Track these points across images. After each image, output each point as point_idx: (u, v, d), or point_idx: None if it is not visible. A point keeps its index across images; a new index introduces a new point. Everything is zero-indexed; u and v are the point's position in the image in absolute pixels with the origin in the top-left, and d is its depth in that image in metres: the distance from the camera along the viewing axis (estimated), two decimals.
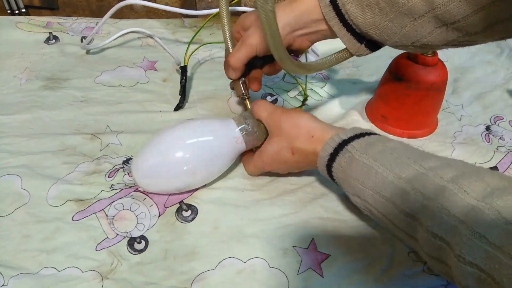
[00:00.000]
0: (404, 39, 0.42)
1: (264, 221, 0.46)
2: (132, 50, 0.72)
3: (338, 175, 0.42)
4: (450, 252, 0.31)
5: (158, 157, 0.45)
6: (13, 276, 0.40)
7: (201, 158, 0.45)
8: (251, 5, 0.80)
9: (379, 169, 0.38)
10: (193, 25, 0.79)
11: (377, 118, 0.60)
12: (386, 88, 0.59)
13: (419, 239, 0.34)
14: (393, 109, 0.58)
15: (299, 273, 0.42)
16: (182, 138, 0.46)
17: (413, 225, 0.35)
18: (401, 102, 0.57)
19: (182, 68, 0.62)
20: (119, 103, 0.61)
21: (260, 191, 0.50)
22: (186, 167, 0.45)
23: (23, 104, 0.59)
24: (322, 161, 0.43)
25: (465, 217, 0.30)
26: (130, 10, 0.82)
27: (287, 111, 0.47)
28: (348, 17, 0.42)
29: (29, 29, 0.72)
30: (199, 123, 0.47)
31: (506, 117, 0.63)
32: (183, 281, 0.41)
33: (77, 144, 0.54)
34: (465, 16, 0.37)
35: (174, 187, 0.47)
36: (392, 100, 0.58)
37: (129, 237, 0.44)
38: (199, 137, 0.46)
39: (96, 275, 0.41)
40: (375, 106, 0.61)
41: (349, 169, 0.40)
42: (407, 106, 0.57)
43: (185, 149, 0.45)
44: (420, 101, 0.56)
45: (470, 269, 0.29)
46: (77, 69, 0.67)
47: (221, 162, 0.47)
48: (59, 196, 0.47)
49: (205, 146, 0.46)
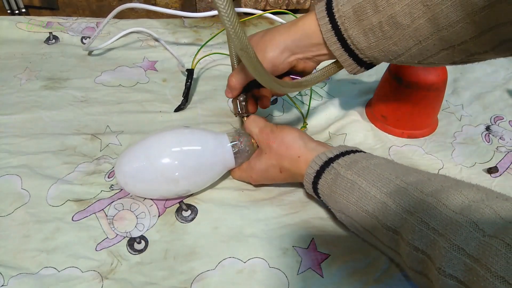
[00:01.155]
0: (410, 59, 0.41)
1: (264, 221, 0.46)
2: (132, 50, 0.72)
3: (324, 191, 0.42)
4: (432, 265, 0.31)
5: (143, 160, 0.44)
6: (13, 276, 0.40)
7: (187, 167, 0.44)
8: (251, 5, 0.80)
9: (362, 184, 0.38)
10: (193, 25, 0.79)
11: (377, 118, 0.60)
12: (386, 88, 0.59)
13: (402, 253, 0.35)
14: (393, 109, 0.58)
15: (299, 273, 0.42)
16: (170, 144, 0.45)
17: (396, 239, 0.35)
18: (401, 102, 0.57)
19: (189, 71, 0.62)
20: (119, 103, 0.61)
21: (260, 191, 0.50)
22: (170, 174, 0.44)
23: (23, 104, 0.59)
24: (308, 178, 0.43)
25: (444, 230, 0.31)
26: (130, 10, 0.82)
27: (277, 129, 0.46)
28: (350, 42, 0.41)
29: (29, 29, 0.72)
30: (190, 131, 0.47)
31: (506, 117, 0.63)
32: (183, 281, 0.41)
33: (77, 144, 0.54)
34: (472, 37, 0.36)
35: (156, 192, 0.46)
36: (392, 100, 0.58)
37: (129, 237, 0.44)
38: (187, 145, 0.45)
39: (96, 275, 0.41)
40: (375, 106, 0.61)
41: (334, 185, 0.41)
42: (407, 106, 0.57)
43: (171, 156, 0.44)
44: (420, 101, 0.56)
45: (450, 281, 0.29)
46: (77, 69, 0.67)
47: (208, 174, 0.47)
48: (59, 196, 0.47)
49: (192, 155, 0.45)
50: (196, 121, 0.59)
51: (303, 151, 0.44)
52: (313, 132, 0.59)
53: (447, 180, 0.36)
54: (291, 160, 0.44)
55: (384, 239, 0.37)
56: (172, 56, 0.67)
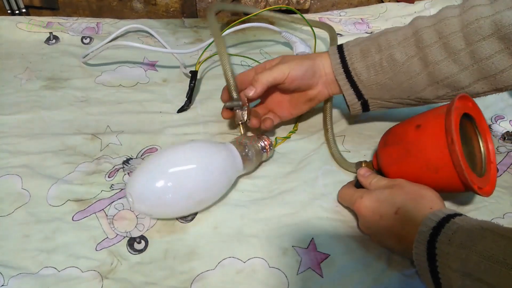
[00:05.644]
0: (401, 93, 0.49)
1: (264, 221, 0.46)
2: (132, 50, 0.72)
3: (443, 248, 0.35)
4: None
5: (161, 181, 0.41)
6: (13, 276, 0.40)
7: (209, 184, 0.44)
8: (251, 5, 0.80)
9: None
10: (193, 25, 0.79)
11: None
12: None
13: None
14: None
15: (298, 273, 0.42)
16: (189, 164, 0.43)
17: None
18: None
19: (192, 73, 0.62)
20: (119, 103, 0.61)
21: (260, 191, 0.50)
22: (196, 196, 0.43)
23: (24, 104, 0.59)
24: (425, 228, 0.37)
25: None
26: (130, 10, 0.83)
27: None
28: (354, 73, 0.49)
29: (29, 29, 0.72)
30: (202, 146, 0.46)
31: (507, 117, 0.63)
32: (183, 281, 0.41)
33: (78, 144, 0.54)
34: (453, 73, 0.45)
35: (175, 212, 0.45)
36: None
37: (129, 237, 0.44)
38: (208, 163, 0.44)
39: (96, 275, 0.41)
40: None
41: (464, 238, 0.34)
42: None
43: (195, 179, 0.43)
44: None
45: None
46: (77, 69, 0.67)
47: (225, 186, 0.46)
48: (59, 196, 0.47)
49: (213, 171, 0.44)
50: (196, 121, 0.59)
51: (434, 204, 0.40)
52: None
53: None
54: (414, 205, 0.40)
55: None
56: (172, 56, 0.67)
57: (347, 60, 0.49)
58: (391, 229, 0.41)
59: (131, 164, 0.52)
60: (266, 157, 0.51)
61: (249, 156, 0.48)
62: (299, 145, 0.56)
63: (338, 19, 0.82)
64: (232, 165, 0.46)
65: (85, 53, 0.66)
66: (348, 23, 0.81)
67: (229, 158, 0.46)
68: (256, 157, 0.49)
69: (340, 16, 0.83)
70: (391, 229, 0.41)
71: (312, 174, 0.52)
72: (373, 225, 0.42)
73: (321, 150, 0.55)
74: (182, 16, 0.84)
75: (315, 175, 0.51)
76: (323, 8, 0.87)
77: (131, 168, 0.51)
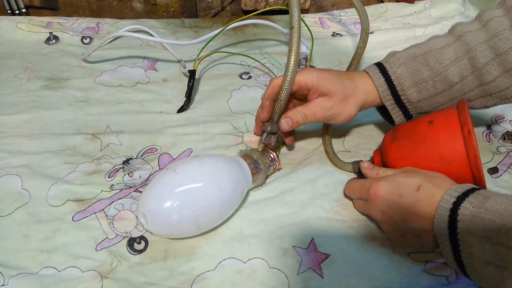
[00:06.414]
0: (450, 104, 0.49)
1: (264, 221, 0.46)
2: (132, 50, 0.72)
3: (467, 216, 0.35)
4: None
5: (176, 200, 0.41)
6: (13, 276, 0.40)
7: (224, 201, 0.43)
8: (251, 5, 0.80)
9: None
10: (193, 25, 0.79)
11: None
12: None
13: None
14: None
15: (299, 273, 0.42)
16: (202, 185, 0.42)
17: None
18: None
19: (191, 72, 0.62)
20: (119, 103, 0.61)
21: (260, 191, 0.49)
22: (210, 213, 0.43)
23: (24, 104, 0.59)
24: (449, 197, 0.38)
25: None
26: (130, 10, 0.83)
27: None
28: (405, 97, 0.49)
29: (29, 29, 0.72)
30: (213, 162, 0.45)
31: (507, 117, 0.62)
32: (183, 282, 0.41)
33: (78, 144, 0.54)
34: (507, 87, 0.45)
35: (188, 231, 0.43)
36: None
37: (129, 237, 0.44)
38: (222, 179, 0.43)
39: (96, 275, 0.41)
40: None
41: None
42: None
43: (210, 200, 0.42)
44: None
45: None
46: (77, 69, 0.67)
47: (238, 200, 0.46)
48: (59, 196, 0.47)
49: (227, 188, 0.43)
50: (196, 121, 0.59)
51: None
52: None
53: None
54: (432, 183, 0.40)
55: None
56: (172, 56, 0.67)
57: (394, 84, 0.48)
58: (414, 207, 0.39)
59: (131, 164, 0.52)
60: (272, 171, 0.51)
61: (259, 170, 0.48)
62: (299, 146, 0.56)
63: (338, 19, 0.82)
64: (245, 180, 0.46)
65: (86, 52, 0.66)
66: (348, 23, 0.81)
67: (241, 174, 0.45)
68: (264, 171, 0.48)
69: (340, 16, 0.83)
70: (414, 206, 0.39)
71: (312, 174, 0.52)
72: (393, 206, 0.41)
73: (321, 151, 0.55)
74: (182, 16, 0.84)
75: (315, 175, 0.51)
76: (323, 8, 0.87)
77: (131, 168, 0.51)
